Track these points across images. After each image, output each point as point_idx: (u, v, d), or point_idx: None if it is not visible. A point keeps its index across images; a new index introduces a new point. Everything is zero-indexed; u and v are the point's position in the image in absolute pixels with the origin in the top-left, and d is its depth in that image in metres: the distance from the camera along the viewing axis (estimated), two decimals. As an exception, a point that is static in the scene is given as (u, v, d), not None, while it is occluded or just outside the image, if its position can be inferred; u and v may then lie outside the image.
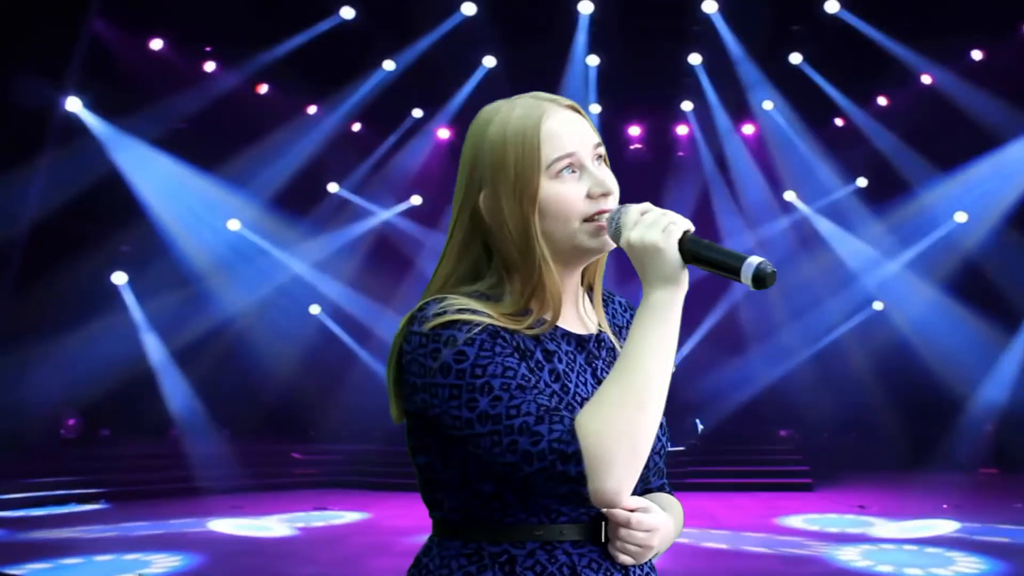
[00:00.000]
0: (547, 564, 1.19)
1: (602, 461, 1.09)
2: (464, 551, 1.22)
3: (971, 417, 13.10)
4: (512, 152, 1.23)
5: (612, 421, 1.10)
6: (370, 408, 14.61)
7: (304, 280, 14.45)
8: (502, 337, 1.18)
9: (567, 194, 1.23)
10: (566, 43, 12.53)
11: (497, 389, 1.14)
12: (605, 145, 1.32)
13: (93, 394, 12.20)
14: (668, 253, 1.15)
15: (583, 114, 1.29)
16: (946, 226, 13.39)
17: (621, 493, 1.11)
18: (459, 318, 1.18)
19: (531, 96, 1.29)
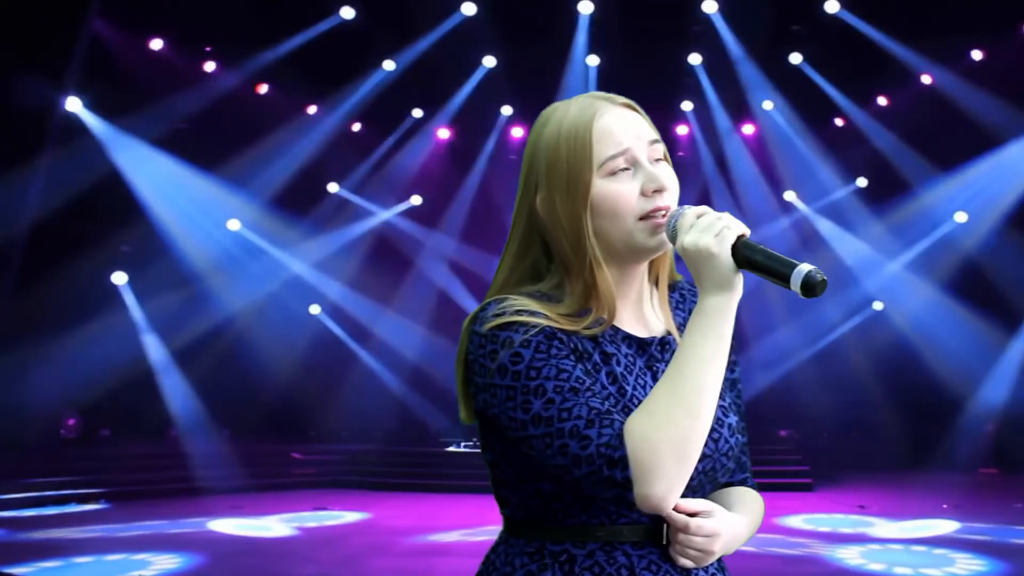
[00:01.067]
0: (606, 565, 1.19)
1: (648, 467, 1.10)
2: (527, 549, 1.23)
3: (971, 417, 13.11)
4: (565, 150, 1.23)
5: (660, 428, 1.10)
6: (370, 408, 14.63)
7: (304, 280, 14.46)
8: (559, 339, 1.19)
9: (620, 192, 1.22)
10: (566, 43, 12.53)
11: (551, 392, 1.15)
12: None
13: (93, 394, 12.21)
14: (721, 259, 1.14)
15: (640, 111, 1.28)
16: (946, 226, 13.39)
17: (667, 499, 1.11)
18: (516, 319, 1.19)
19: (588, 95, 1.29)
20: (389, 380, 14.84)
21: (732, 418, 1.25)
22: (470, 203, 14.96)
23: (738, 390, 1.37)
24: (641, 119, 1.27)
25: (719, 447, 1.22)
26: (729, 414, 1.26)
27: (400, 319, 14.94)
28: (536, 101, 13.61)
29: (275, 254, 14.03)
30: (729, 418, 1.25)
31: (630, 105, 1.28)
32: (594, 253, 1.23)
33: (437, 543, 7.99)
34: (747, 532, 1.27)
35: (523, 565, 1.22)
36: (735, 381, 1.36)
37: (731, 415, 1.26)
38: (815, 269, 1.10)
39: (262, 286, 13.82)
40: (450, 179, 14.96)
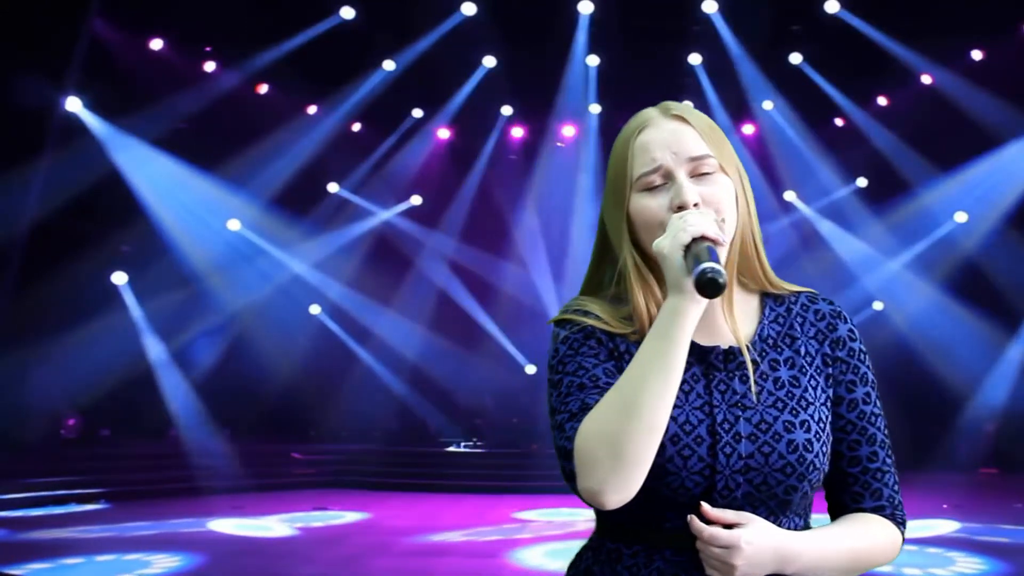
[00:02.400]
0: (643, 567, 1.23)
1: (584, 461, 1.13)
2: (593, 544, 1.31)
3: (971, 417, 13.11)
4: (612, 166, 1.31)
5: (596, 423, 1.14)
6: (370, 408, 14.64)
7: (304, 280, 14.46)
8: (596, 338, 1.26)
9: (649, 207, 1.25)
10: (566, 43, 12.54)
11: (564, 386, 1.23)
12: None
13: (93, 394, 12.20)
14: (671, 260, 1.14)
15: (692, 122, 1.27)
16: (946, 226, 13.39)
17: (602, 494, 1.12)
18: (568, 317, 1.29)
19: (651, 108, 1.31)
20: (389, 380, 14.84)
21: (799, 435, 1.21)
22: (470, 203, 14.96)
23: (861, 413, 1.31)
24: (689, 133, 1.26)
25: (770, 462, 1.20)
26: (795, 430, 1.22)
27: (400, 319, 14.94)
28: (536, 101, 13.75)
29: (275, 254, 14.03)
30: (794, 434, 1.21)
31: (682, 117, 1.28)
32: (629, 265, 1.27)
33: (437, 543, 7.99)
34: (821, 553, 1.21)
35: (586, 559, 1.31)
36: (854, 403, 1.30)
37: (797, 431, 1.22)
38: (708, 267, 1.07)
39: (262, 286, 13.82)
40: (450, 179, 14.96)
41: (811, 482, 1.23)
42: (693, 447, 1.20)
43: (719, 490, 1.19)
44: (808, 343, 1.30)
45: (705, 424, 1.21)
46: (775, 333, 1.30)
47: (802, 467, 1.21)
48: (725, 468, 1.19)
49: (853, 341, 1.32)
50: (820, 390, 1.28)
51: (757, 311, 1.32)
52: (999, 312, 12.81)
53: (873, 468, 1.31)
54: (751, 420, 1.22)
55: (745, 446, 1.20)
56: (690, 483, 1.19)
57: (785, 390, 1.25)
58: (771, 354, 1.28)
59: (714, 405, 1.23)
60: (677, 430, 1.20)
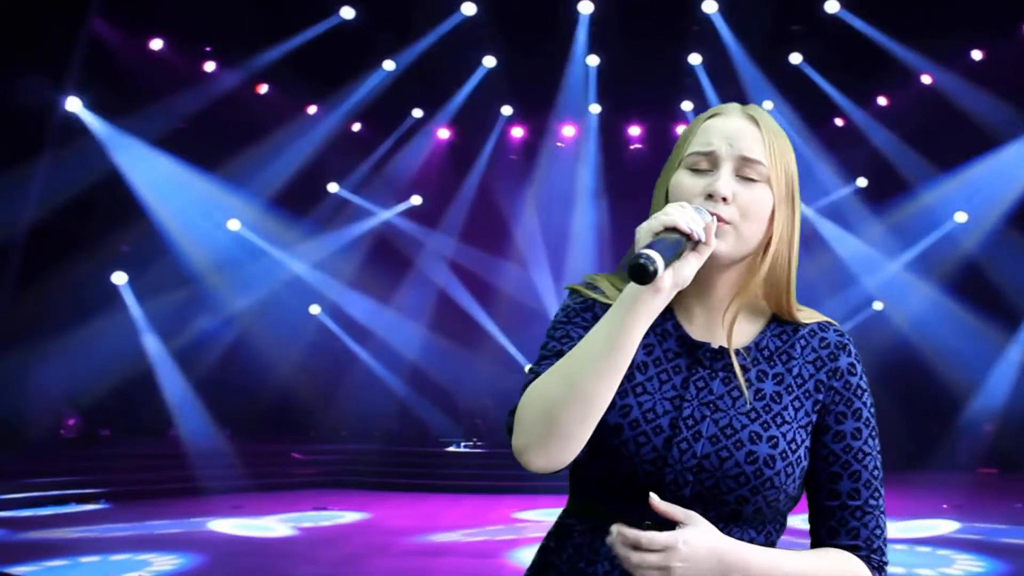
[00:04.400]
0: (587, 545, 1.24)
1: (519, 419, 1.16)
2: (559, 519, 1.33)
3: (971, 417, 13.11)
4: (677, 143, 1.32)
5: (538, 387, 1.16)
6: (370, 408, 14.64)
7: (304, 280, 14.46)
8: (594, 313, 1.29)
9: (684, 184, 1.25)
10: (566, 43, 12.54)
11: (547, 349, 1.28)
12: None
13: (93, 394, 12.20)
14: (639, 244, 1.13)
15: (761, 127, 1.26)
16: (946, 226, 13.39)
17: (527, 454, 1.14)
18: (578, 288, 1.33)
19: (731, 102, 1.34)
20: (389, 380, 14.84)
21: (763, 448, 1.19)
22: (470, 203, 14.96)
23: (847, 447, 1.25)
24: (754, 134, 1.25)
25: (724, 467, 1.18)
26: (760, 443, 1.19)
27: (400, 319, 14.94)
28: (536, 101, 13.75)
29: (275, 254, 14.03)
30: (758, 446, 1.19)
31: (754, 118, 1.27)
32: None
33: (437, 543, 7.99)
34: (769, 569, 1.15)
35: (549, 535, 1.33)
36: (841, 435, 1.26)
37: (762, 444, 1.19)
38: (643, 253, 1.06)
39: (262, 286, 13.82)
40: (450, 179, 14.95)
41: (767, 499, 1.19)
42: (650, 435, 1.19)
43: (667, 483, 1.18)
44: (804, 366, 1.28)
45: (669, 416, 1.21)
46: (773, 347, 1.29)
47: (756, 480, 1.18)
48: (676, 463, 1.18)
49: (853, 376, 1.28)
50: (803, 413, 1.25)
51: (761, 324, 1.31)
52: (999, 312, 12.81)
53: (853, 506, 1.25)
54: (718, 422, 1.20)
55: (703, 446, 1.19)
56: (640, 471, 1.19)
57: (764, 403, 1.23)
58: (762, 365, 1.26)
59: (685, 399, 1.22)
60: (639, 416, 1.20)
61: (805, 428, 1.25)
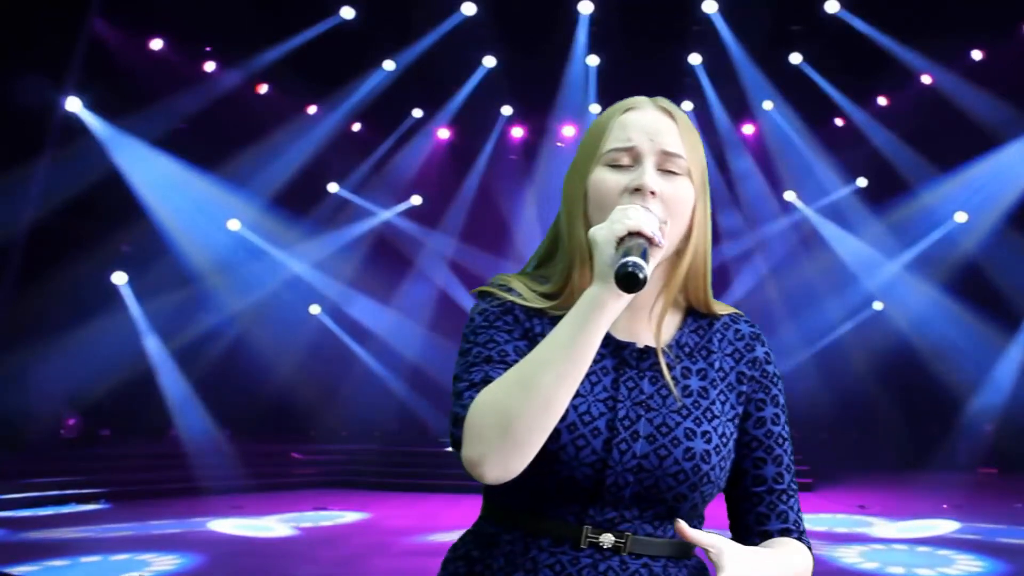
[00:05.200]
0: (520, 554, 1.20)
1: (472, 431, 1.11)
2: (475, 528, 1.29)
3: (971, 417, 13.11)
4: (586, 140, 1.29)
5: (492, 395, 1.11)
6: (370, 408, 14.64)
7: (304, 280, 14.45)
8: (514, 315, 1.25)
9: (607, 181, 1.23)
10: (566, 43, 12.53)
11: (471, 356, 1.22)
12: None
13: (93, 394, 12.20)
14: (602, 248, 1.11)
15: (677, 120, 1.27)
16: (946, 226, 13.39)
17: (483, 465, 1.09)
18: (490, 290, 1.28)
19: (641, 96, 1.31)
20: (389, 380, 14.84)
21: (699, 444, 1.20)
22: (470, 203, 14.96)
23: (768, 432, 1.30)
24: (671, 127, 1.26)
25: (664, 465, 1.18)
26: (695, 439, 1.20)
27: (400, 319, 14.94)
28: (536, 101, 13.75)
29: (275, 254, 14.03)
30: (693, 442, 1.19)
31: (669, 112, 1.28)
32: (580, 240, 1.24)
33: (437, 543, 7.99)
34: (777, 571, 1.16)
35: (467, 542, 1.29)
36: (762, 421, 1.30)
37: (696, 440, 1.20)
38: (631, 261, 1.06)
39: (262, 286, 13.82)
40: (450, 179, 14.95)
41: (703, 494, 1.21)
42: (588, 438, 1.17)
43: (608, 486, 1.17)
44: (724, 359, 1.29)
45: (605, 418, 1.19)
46: (692, 343, 1.29)
47: (695, 476, 1.19)
48: (617, 464, 1.17)
49: (768, 364, 1.32)
50: (729, 406, 1.26)
51: (680, 319, 1.31)
52: (999, 312, 12.81)
53: (779, 489, 1.28)
54: (652, 421, 1.20)
55: (641, 445, 1.18)
56: (579, 475, 1.16)
57: (692, 399, 1.23)
58: (685, 362, 1.27)
59: (618, 400, 1.21)
60: (576, 419, 1.18)
61: (732, 421, 1.26)
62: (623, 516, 1.19)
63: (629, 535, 1.18)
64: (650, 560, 1.20)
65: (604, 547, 1.18)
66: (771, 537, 1.26)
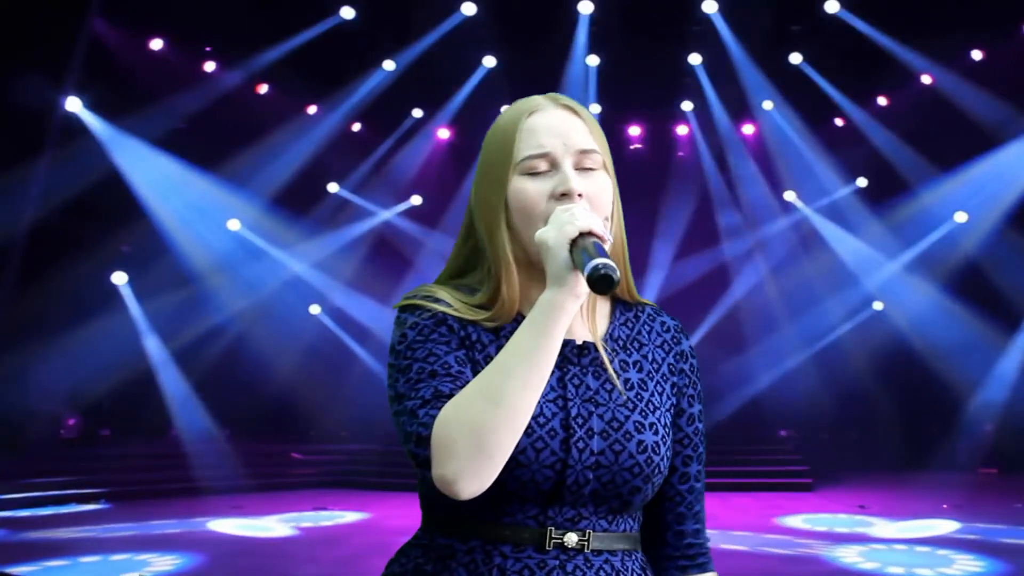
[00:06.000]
0: (481, 563, 1.18)
1: (442, 448, 1.08)
2: (422, 541, 1.26)
3: (971, 417, 13.10)
4: (493, 146, 1.26)
5: (459, 410, 1.09)
6: (370, 408, 14.61)
7: (304, 280, 14.45)
8: (448, 326, 1.21)
9: (529, 191, 1.21)
10: (566, 43, 12.53)
11: (413, 372, 1.18)
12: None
13: (93, 394, 12.21)
14: (555, 252, 1.11)
15: (581, 115, 1.25)
16: (946, 226, 13.38)
17: (459, 482, 1.08)
18: (417, 303, 1.24)
19: (537, 95, 1.28)
20: (389, 380, 14.82)
21: (648, 436, 1.21)
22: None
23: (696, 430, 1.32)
24: (579, 125, 1.24)
25: (620, 460, 1.18)
26: (644, 431, 1.21)
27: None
28: (536, 101, 13.77)
29: (275, 254, 14.02)
30: (644, 435, 1.21)
31: (572, 108, 1.26)
32: (505, 250, 1.23)
33: (437, 543, 7.98)
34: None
35: (415, 557, 1.25)
36: (692, 417, 1.31)
37: (646, 432, 1.21)
38: (602, 263, 1.05)
39: (262, 286, 13.82)
40: (450, 179, 14.95)
41: (654, 485, 1.23)
42: (546, 440, 1.17)
43: (568, 485, 1.17)
44: (655, 351, 1.31)
45: (559, 418, 1.19)
46: (624, 335, 1.30)
47: (648, 468, 1.20)
48: (577, 463, 1.17)
49: (693, 358, 1.33)
50: (665, 396, 1.28)
51: (608, 312, 1.32)
52: (999, 312, 12.81)
53: (698, 488, 1.30)
54: (603, 417, 1.20)
55: (597, 442, 1.19)
56: (540, 477, 1.16)
57: (635, 391, 1.24)
58: (620, 355, 1.28)
59: (568, 399, 1.21)
60: (531, 422, 1.17)
61: (669, 411, 1.28)
62: (581, 514, 1.19)
63: (589, 532, 1.19)
64: (609, 555, 1.21)
65: (568, 546, 1.18)
66: (685, 538, 1.30)
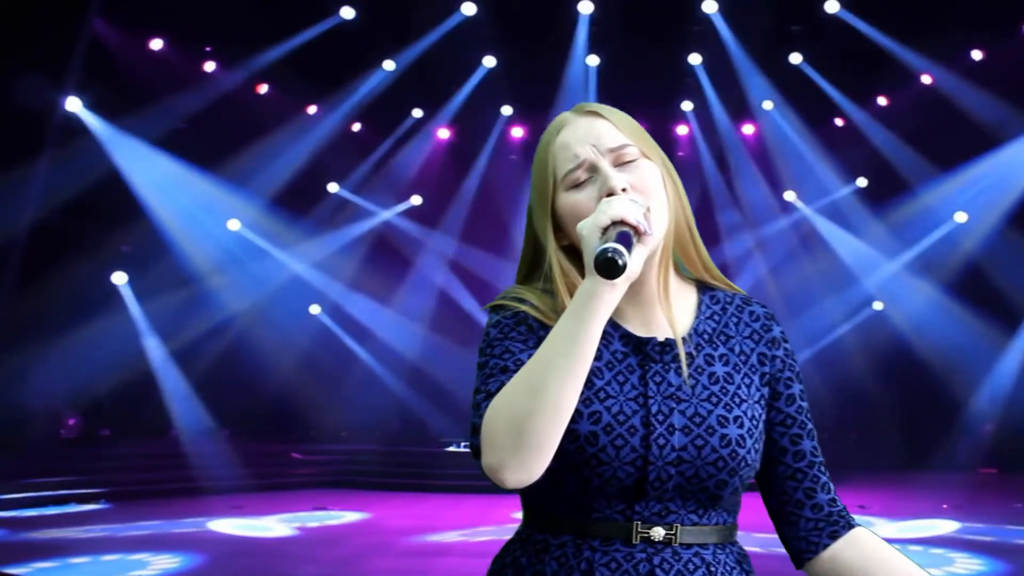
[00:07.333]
0: (571, 556, 1.21)
1: (487, 438, 1.13)
2: (522, 535, 1.29)
3: (971, 417, 13.11)
4: (536, 172, 1.31)
5: (502, 401, 1.13)
6: (370, 408, 14.64)
7: (304, 280, 14.45)
8: (527, 324, 1.26)
9: (578, 201, 1.25)
10: (566, 43, 12.53)
11: (488, 368, 1.23)
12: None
13: (93, 394, 12.20)
14: (587, 242, 1.13)
15: (607, 116, 1.29)
16: (946, 226, 13.39)
17: (502, 471, 1.11)
18: (503, 303, 1.29)
19: (565, 112, 1.33)
20: (389, 380, 14.84)
21: (732, 430, 1.22)
22: (470, 203, 14.96)
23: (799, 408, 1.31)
24: (605, 125, 1.28)
25: (702, 455, 1.20)
26: (728, 425, 1.22)
27: (400, 319, 14.94)
28: (536, 101, 13.74)
29: (275, 254, 14.03)
30: (727, 429, 1.22)
31: (596, 112, 1.30)
32: (554, 261, 1.27)
33: (437, 543, 8.00)
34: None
35: (513, 551, 1.29)
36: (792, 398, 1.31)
37: (730, 426, 1.22)
38: (610, 247, 1.07)
39: (262, 286, 13.82)
40: (450, 179, 14.96)
41: (742, 478, 1.24)
42: (626, 437, 1.19)
43: (651, 481, 1.19)
44: (743, 342, 1.31)
45: (639, 415, 1.21)
46: (711, 329, 1.31)
47: (734, 462, 1.21)
48: (658, 459, 1.19)
49: (786, 343, 1.34)
50: (754, 388, 1.28)
51: (694, 306, 1.33)
52: (999, 312, 12.81)
53: (818, 462, 1.31)
54: (685, 412, 1.22)
55: (678, 438, 1.20)
56: (622, 473, 1.18)
57: (719, 385, 1.25)
58: (706, 349, 1.29)
59: (649, 396, 1.23)
60: (610, 420, 1.20)
61: (759, 403, 1.28)
62: (668, 508, 1.21)
63: (677, 526, 1.21)
64: (700, 548, 1.23)
65: (655, 540, 1.20)
66: (823, 509, 1.31)
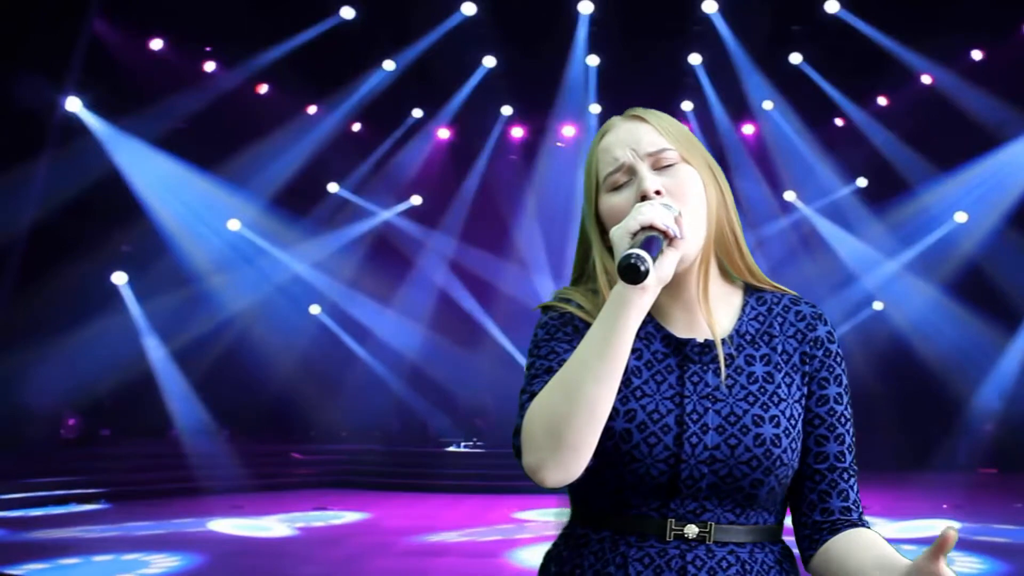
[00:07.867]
0: (608, 551, 1.24)
1: (525, 438, 1.17)
2: (566, 531, 1.33)
3: (971, 417, 13.11)
4: (585, 175, 1.36)
5: (540, 402, 1.17)
6: (370, 408, 14.64)
7: (304, 280, 14.46)
8: (573, 325, 1.30)
9: (617, 203, 1.28)
10: (566, 43, 12.53)
11: (534, 368, 1.28)
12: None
13: (93, 394, 12.20)
14: (618, 246, 1.16)
15: (649, 120, 1.32)
16: (946, 226, 13.39)
17: (540, 471, 1.15)
18: (552, 304, 1.35)
19: (613, 116, 1.37)
20: (389, 380, 14.84)
21: (768, 430, 1.23)
22: (470, 203, 14.96)
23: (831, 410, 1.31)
24: (646, 129, 1.31)
25: (736, 453, 1.21)
26: (763, 424, 1.23)
27: (400, 319, 14.94)
28: (536, 101, 13.75)
29: (275, 254, 14.03)
30: (762, 428, 1.23)
31: (639, 116, 1.33)
32: (598, 262, 1.31)
33: (437, 543, 8.00)
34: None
35: (558, 544, 1.33)
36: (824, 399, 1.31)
37: (765, 426, 1.23)
38: (633, 253, 1.09)
39: (262, 286, 13.82)
40: (450, 179, 14.96)
41: (778, 477, 1.24)
42: (659, 435, 1.21)
43: (683, 479, 1.21)
44: (787, 342, 1.32)
45: (674, 414, 1.23)
46: (754, 330, 1.32)
47: (768, 461, 1.22)
48: (690, 458, 1.21)
49: (831, 343, 1.35)
50: (795, 387, 1.29)
51: (738, 308, 1.34)
52: (999, 312, 12.81)
53: (840, 467, 1.30)
54: (720, 412, 1.23)
55: (712, 437, 1.22)
56: (655, 471, 1.21)
57: (758, 385, 1.26)
58: (748, 349, 1.30)
59: (685, 396, 1.24)
60: (645, 418, 1.22)
61: (799, 402, 1.29)
62: (703, 506, 1.22)
63: (712, 524, 1.22)
64: (736, 547, 1.24)
65: (689, 537, 1.22)
66: (832, 515, 1.29)
